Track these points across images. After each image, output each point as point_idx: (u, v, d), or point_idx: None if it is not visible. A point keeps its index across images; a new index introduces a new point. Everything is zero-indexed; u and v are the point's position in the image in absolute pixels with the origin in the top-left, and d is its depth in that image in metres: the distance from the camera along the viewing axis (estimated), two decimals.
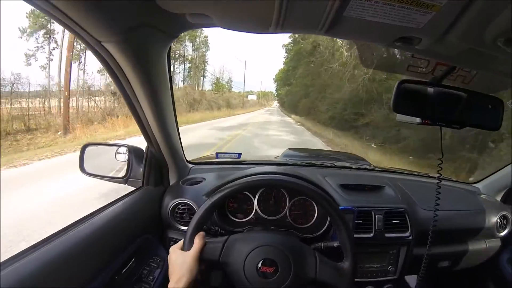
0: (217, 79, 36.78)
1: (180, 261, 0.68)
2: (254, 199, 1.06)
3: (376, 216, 1.07)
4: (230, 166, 1.34)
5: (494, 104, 0.72)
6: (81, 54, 15.95)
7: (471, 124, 0.73)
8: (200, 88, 28.84)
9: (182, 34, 0.70)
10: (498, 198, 1.45)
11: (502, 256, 1.35)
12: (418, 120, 0.72)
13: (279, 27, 0.52)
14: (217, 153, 1.36)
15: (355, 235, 0.99)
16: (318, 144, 9.90)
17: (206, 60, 32.12)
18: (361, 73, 11.81)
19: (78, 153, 1.08)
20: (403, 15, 0.46)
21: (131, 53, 0.64)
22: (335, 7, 0.45)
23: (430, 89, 0.70)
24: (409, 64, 0.75)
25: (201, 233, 0.72)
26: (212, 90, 33.05)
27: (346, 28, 0.52)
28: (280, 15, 0.48)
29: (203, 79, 31.87)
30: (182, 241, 0.73)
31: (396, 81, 0.68)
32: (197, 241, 0.70)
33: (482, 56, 0.59)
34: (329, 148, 8.85)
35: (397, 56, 0.74)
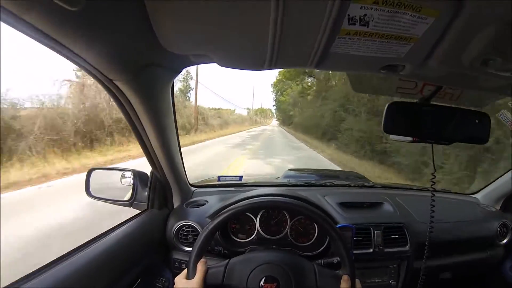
0: None
1: None
2: (256, 220, 1.08)
3: (375, 232, 1.09)
4: (232, 188, 1.36)
5: (481, 118, 0.75)
6: None
7: (459, 139, 0.76)
8: None
9: None
10: (498, 207, 1.47)
11: (505, 264, 1.35)
12: (409, 138, 0.75)
13: (273, 64, 0.57)
14: (219, 176, 1.39)
15: (354, 252, 1.02)
16: None
17: None
18: None
19: None
20: (384, 48, 0.51)
21: (140, 89, 0.69)
22: (322, 45, 0.49)
23: (419, 109, 0.74)
24: (398, 86, 0.79)
25: (203, 260, 0.74)
26: None
27: (334, 62, 0.56)
28: (273, 54, 0.53)
29: None
30: (185, 270, 0.75)
31: None
32: (200, 268, 0.72)
33: (465, 76, 0.63)
34: None
35: (386, 80, 0.78)
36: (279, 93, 40.83)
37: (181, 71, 0.76)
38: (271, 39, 0.48)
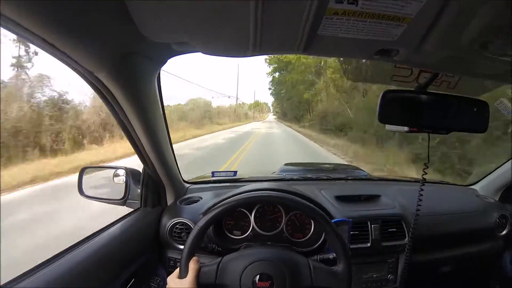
0: None
1: None
2: (251, 215, 1.06)
3: (372, 225, 1.07)
4: (227, 184, 1.35)
5: (479, 106, 0.73)
6: None
7: (457, 128, 0.74)
8: None
9: None
10: (497, 198, 1.46)
11: (504, 256, 1.34)
12: (406, 128, 0.73)
13: (257, 49, 0.54)
14: (213, 172, 1.37)
15: (351, 246, 1.00)
16: None
17: None
18: None
19: None
20: (376, 30, 0.48)
21: (123, 82, 0.66)
22: (308, 27, 0.46)
23: (416, 97, 0.72)
24: (393, 73, 0.77)
25: (195, 258, 0.72)
26: None
27: (322, 46, 0.54)
28: (256, 38, 0.50)
29: None
30: (178, 269, 0.73)
31: None
32: (192, 267, 0.70)
33: (462, 61, 0.61)
34: None
35: (381, 67, 0.76)
36: (282, 71, 27.57)
37: (166, 62, 0.74)
38: (253, 22, 0.46)
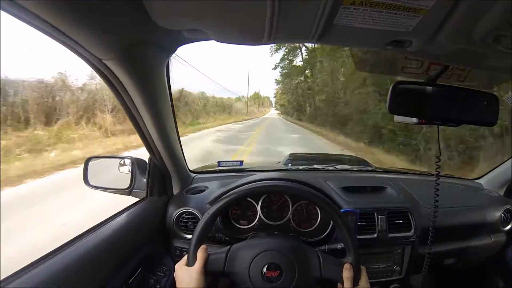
0: None
1: (187, 277, 0.69)
2: (258, 205, 1.07)
3: (379, 217, 1.07)
4: (233, 174, 1.35)
5: (489, 100, 0.73)
6: None
7: (467, 121, 0.74)
8: None
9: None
10: (501, 193, 1.45)
11: (508, 250, 1.34)
12: (415, 120, 0.73)
13: (272, 38, 0.54)
14: (219, 162, 1.37)
15: (358, 237, 1.00)
16: None
17: None
18: None
19: None
20: (391, 20, 0.47)
21: (132, 69, 0.65)
22: (325, 16, 0.46)
23: (425, 89, 0.71)
24: (403, 65, 0.76)
25: (203, 246, 0.73)
26: None
27: (337, 36, 0.53)
28: (272, 27, 0.50)
29: None
30: (186, 256, 0.73)
31: None
32: (200, 255, 0.71)
33: (474, 54, 0.60)
34: None
35: (391, 58, 0.76)
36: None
37: (176, 49, 0.73)
38: (269, 10, 0.45)
